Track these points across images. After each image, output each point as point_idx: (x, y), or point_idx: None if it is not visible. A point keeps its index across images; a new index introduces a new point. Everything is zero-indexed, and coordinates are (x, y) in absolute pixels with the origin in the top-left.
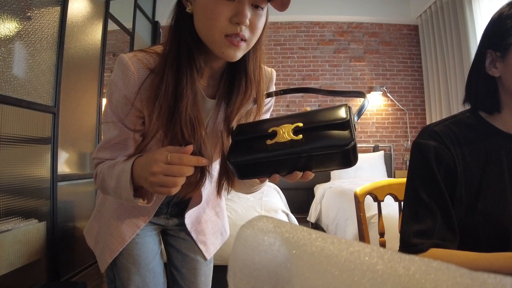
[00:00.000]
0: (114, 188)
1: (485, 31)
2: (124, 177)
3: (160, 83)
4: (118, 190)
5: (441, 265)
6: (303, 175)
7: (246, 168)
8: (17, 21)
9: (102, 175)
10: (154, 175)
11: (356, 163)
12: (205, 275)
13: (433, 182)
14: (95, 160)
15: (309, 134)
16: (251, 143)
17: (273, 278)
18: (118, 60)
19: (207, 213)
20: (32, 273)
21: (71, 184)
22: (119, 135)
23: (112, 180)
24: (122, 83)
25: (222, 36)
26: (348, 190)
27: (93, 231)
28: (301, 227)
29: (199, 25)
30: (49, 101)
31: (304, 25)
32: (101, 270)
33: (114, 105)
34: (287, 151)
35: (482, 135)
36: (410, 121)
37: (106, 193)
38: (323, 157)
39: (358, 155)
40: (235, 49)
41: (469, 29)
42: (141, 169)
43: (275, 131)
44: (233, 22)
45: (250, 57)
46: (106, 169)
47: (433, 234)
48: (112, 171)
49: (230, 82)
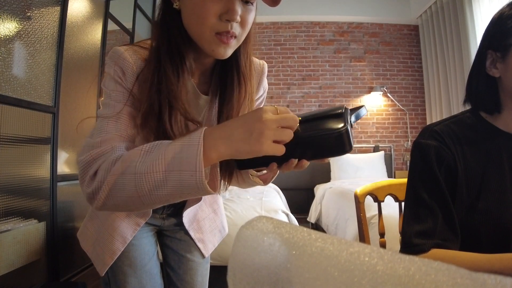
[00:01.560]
0: (148, 175)
1: (486, 31)
2: (188, 151)
3: (151, 80)
4: (157, 176)
5: (441, 266)
6: (299, 164)
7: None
8: (17, 21)
9: (121, 165)
10: (266, 125)
11: (351, 149)
12: (201, 275)
13: (434, 182)
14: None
15: (305, 125)
16: None
17: (273, 278)
18: (111, 51)
19: (204, 210)
20: (32, 273)
21: (71, 184)
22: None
23: (149, 163)
24: (121, 74)
25: (212, 34)
26: (348, 191)
27: (89, 233)
28: (301, 227)
29: (188, 22)
30: (48, 101)
31: (304, 25)
32: (100, 274)
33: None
34: None
35: (482, 135)
36: (411, 121)
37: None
38: (318, 142)
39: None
40: (225, 47)
41: (469, 29)
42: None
43: None
44: (223, 19)
45: (241, 51)
46: (132, 154)
47: (435, 235)
48: (148, 155)
49: (221, 78)
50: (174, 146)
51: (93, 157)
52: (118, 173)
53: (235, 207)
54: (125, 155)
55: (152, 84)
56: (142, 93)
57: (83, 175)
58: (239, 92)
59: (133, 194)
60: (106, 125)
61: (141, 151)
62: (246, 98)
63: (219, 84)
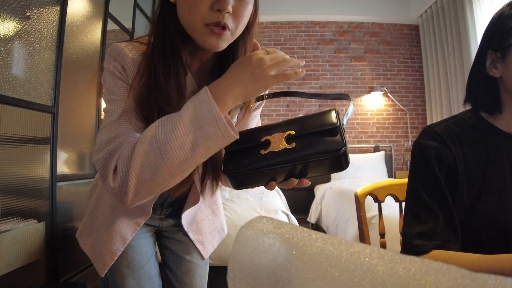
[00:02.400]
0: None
1: (486, 31)
2: (204, 107)
3: (148, 75)
4: (195, 136)
5: (442, 266)
6: (299, 182)
7: (242, 178)
8: (17, 20)
9: (142, 146)
10: (262, 60)
11: (348, 166)
12: (200, 276)
13: (434, 182)
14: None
15: (301, 142)
16: (244, 154)
17: (273, 279)
18: (112, 48)
19: (203, 211)
20: (31, 274)
21: (71, 184)
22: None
23: (181, 128)
24: (121, 69)
25: (202, 24)
26: (349, 191)
27: (88, 233)
28: (301, 228)
29: (181, 14)
30: (48, 101)
31: (304, 25)
32: (101, 274)
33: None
34: (282, 159)
35: (483, 135)
36: (411, 121)
37: (152, 170)
38: (317, 163)
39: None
40: (217, 38)
41: (469, 29)
42: (233, 72)
43: (268, 140)
44: (214, 9)
45: (239, 49)
46: (149, 132)
47: (435, 236)
48: (167, 124)
49: (220, 74)
50: (187, 111)
51: (110, 152)
52: (141, 154)
53: (235, 207)
54: (141, 137)
55: (146, 88)
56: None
57: (104, 172)
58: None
59: (162, 169)
60: (115, 120)
61: (155, 127)
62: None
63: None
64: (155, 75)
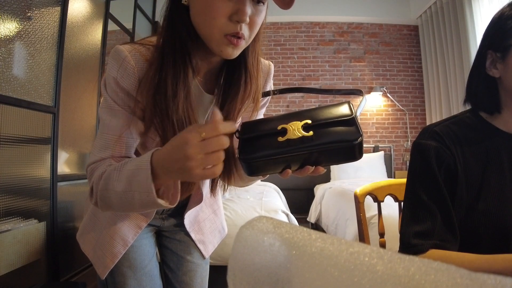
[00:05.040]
0: (122, 193)
1: (486, 31)
2: (141, 175)
3: (154, 80)
4: (129, 195)
5: (441, 266)
6: (314, 170)
7: (259, 165)
8: (17, 21)
9: (103, 182)
10: (191, 158)
11: (361, 157)
12: (201, 277)
13: (433, 182)
14: (91, 167)
15: (319, 131)
16: (261, 141)
17: (273, 278)
18: (115, 51)
19: (204, 211)
20: (32, 274)
21: (71, 184)
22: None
23: (120, 183)
24: (122, 77)
25: (221, 35)
26: (348, 191)
27: (89, 235)
28: (301, 227)
29: (197, 21)
30: (49, 101)
31: (304, 26)
32: (102, 277)
33: (113, 98)
34: (299, 147)
35: (482, 135)
36: (410, 122)
37: (108, 205)
38: (333, 151)
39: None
40: (233, 48)
41: (469, 29)
42: (167, 159)
43: (284, 128)
44: (233, 20)
45: (249, 50)
46: (110, 173)
47: (433, 235)
48: (119, 174)
49: (228, 76)
50: (130, 169)
51: (89, 172)
52: (101, 188)
53: (235, 207)
54: (106, 173)
55: (153, 93)
56: (144, 99)
57: (88, 181)
58: (244, 91)
59: (107, 204)
60: (106, 136)
61: (114, 169)
62: (250, 97)
63: (226, 83)
64: (165, 82)
